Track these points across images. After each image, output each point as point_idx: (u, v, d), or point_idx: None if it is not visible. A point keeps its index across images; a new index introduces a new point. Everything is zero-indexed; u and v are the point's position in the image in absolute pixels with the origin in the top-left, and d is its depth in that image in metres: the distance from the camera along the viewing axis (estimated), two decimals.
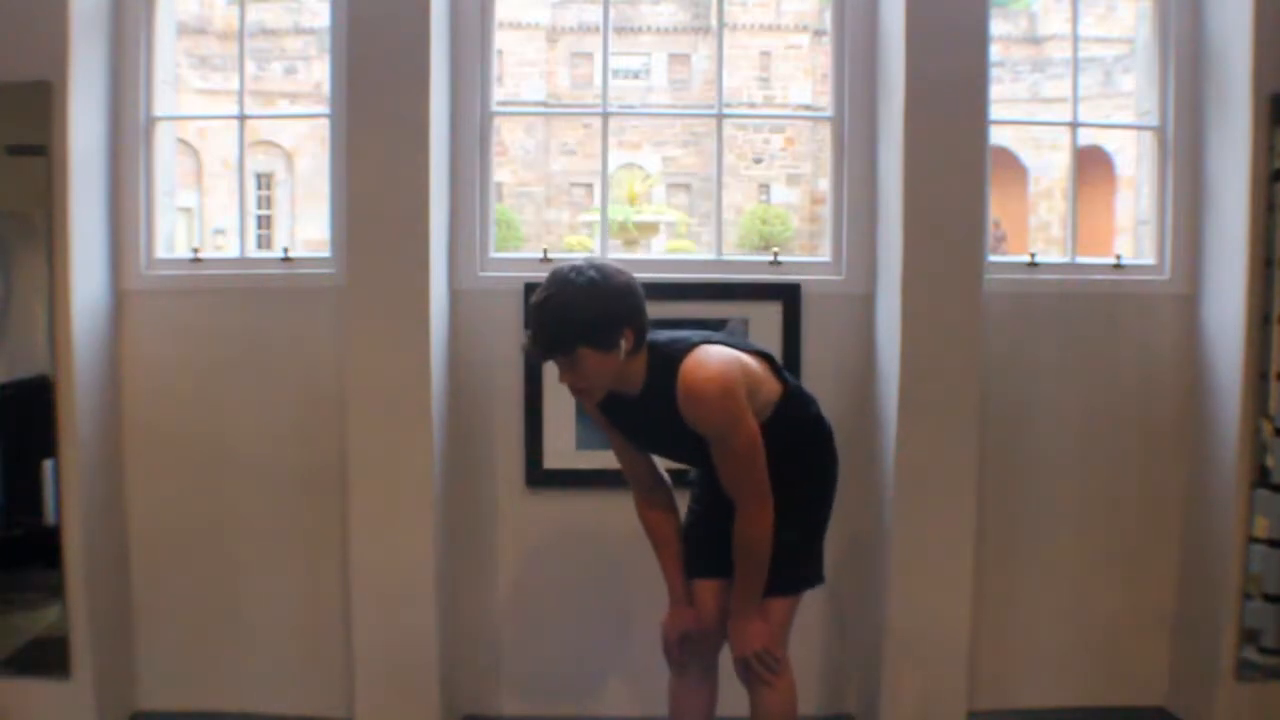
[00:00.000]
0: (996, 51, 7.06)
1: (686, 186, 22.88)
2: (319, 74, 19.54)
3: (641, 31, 23.59)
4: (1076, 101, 3.82)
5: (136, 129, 3.36)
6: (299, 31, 21.64)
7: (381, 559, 3.22)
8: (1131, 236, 4.13)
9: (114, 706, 3.31)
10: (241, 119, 3.55)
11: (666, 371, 2.46)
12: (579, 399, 2.60)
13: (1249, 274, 3.19)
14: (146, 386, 3.37)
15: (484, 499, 3.43)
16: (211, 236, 18.96)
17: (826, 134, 3.55)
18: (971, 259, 3.23)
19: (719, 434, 2.46)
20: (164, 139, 3.49)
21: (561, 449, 3.39)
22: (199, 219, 19.37)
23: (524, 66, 22.85)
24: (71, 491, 3.14)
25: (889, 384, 3.26)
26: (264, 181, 21.30)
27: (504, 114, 4.94)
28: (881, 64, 3.33)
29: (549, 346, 2.40)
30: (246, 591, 3.41)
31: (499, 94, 3.70)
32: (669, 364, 2.47)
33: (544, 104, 22.56)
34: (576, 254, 2.68)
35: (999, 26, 18.75)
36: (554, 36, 23.50)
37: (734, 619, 2.60)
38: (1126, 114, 11.79)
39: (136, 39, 3.34)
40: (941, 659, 3.27)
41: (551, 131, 22.92)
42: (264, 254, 4.48)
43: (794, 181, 23.13)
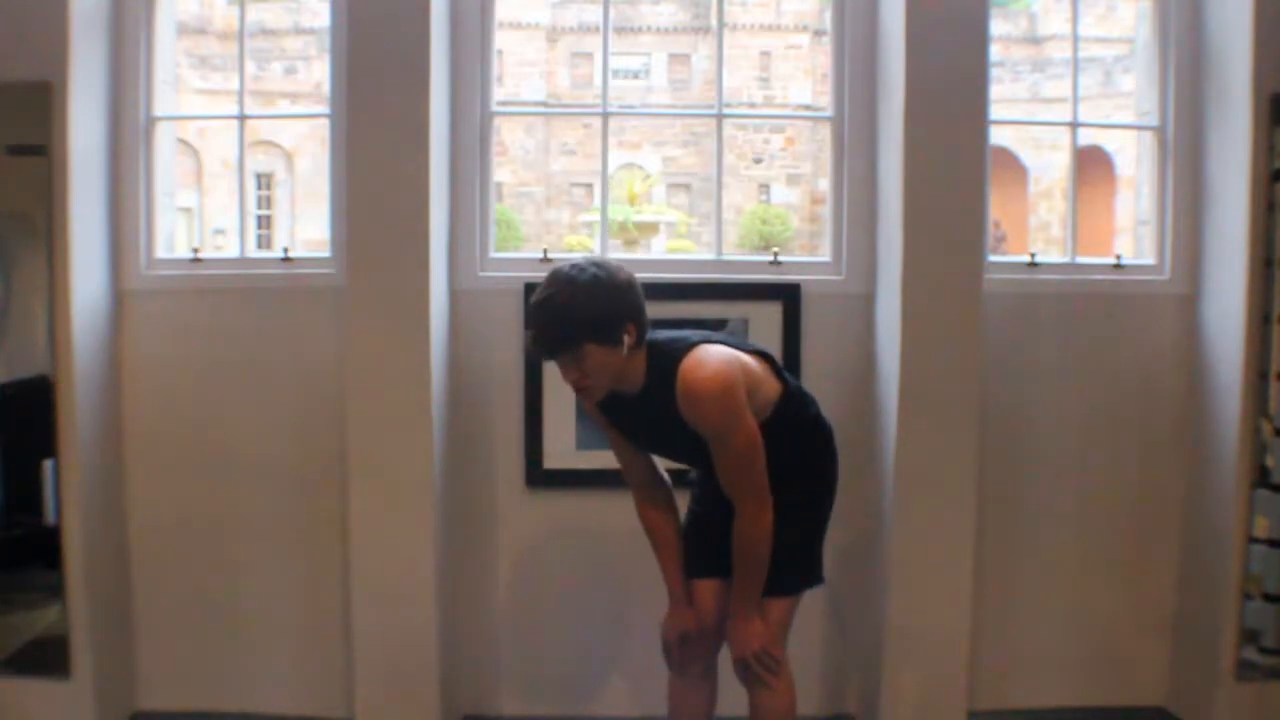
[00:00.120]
0: (996, 51, 7.06)
1: (686, 186, 22.89)
2: (319, 74, 19.54)
3: (641, 31, 23.59)
4: (1076, 101, 3.82)
5: (136, 129, 3.36)
6: (299, 31, 21.64)
7: (381, 559, 3.22)
8: (1131, 236, 4.14)
9: (114, 706, 3.31)
10: (241, 119, 3.55)
11: (666, 371, 2.46)
12: (581, 397, 2.60)
13: (1249, 274, 3.19)
14: (146, 386, 3.38)
15: (484, 499, 3.43)
16: (211, 236, 18.96)
17: (826, 134, 3.55)
18: (971, 259, 3.23)
19: (718, 433, 2.46)
20: (164, 139, 3.49)
21: (561, 449, 3.39)
22: (199, 219, 19.37)
23: (524, 66, 22.85)
24: (71, 491, 3.14)
25: (889, 384, 3.26)
26: (264, 181, 21.30)
27: (504, 114, 4.94)
28: (881, 64, 3.33)
29: (554, 344, 2.40)
30: (246, 591, 3.41)
31: (499, 94, 3.70)
32: (669, 363, 2.47)
33: (544, 104, 22.57)
34: (576, 254, 2.67)
35: (999, 26, 18.76)
36: (554, 36, 23.50)
37: (733, 619, 2.60)
38: (1126, 114, 11.79)
39: (136, 39, 3.34)
40: (941, 659, 3.27)
41: (551, 131, 22.92)
42: (264, 254, 4.47)
43: (794, 181, 23.13)
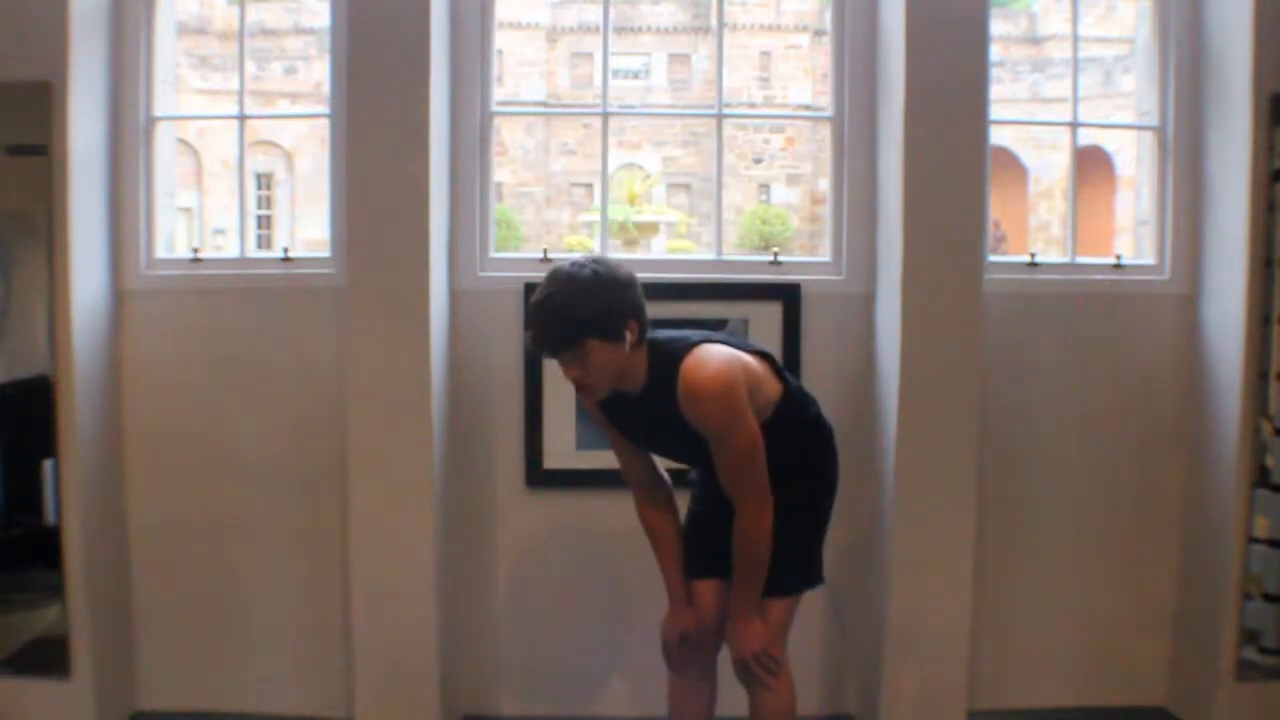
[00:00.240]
0: (996, 51, 7.06)
1: (686, 186, 22.89)
2: (319, 74, 19.54)
3: (641, 31, 23.59)
4: (1076, 101, 3.82)
5: (136, 129, 3.36)
6: (299, 31, 21.63)
7: (381, 559, 3.22)
8: (1131, 236, 4.14)
9: (114, 706, 3.31)
10: (241, 119, 3.55)
11: (667, 370, 2.46)
12: (582, 396, 2.60)
13: (1249, 274, 3.19)
14: (146, 386, 3.38)
15: (484, 499, 3.43)
16: (211, 236, 18.96)
17: (826, 134, 3.55)
18: (971, 259, 3.23)
19: (719, 433, 2.45)
20: (164, 139, 3.49)
21: (561, 449, 3.39)
22: (199, 219, 19.37)
23: (524, 66, 22.85)
24: (71, 491, 3.14)
25: (889, 384, 3.26)
26: (264, 181, 21.30)
27: (504, 114, 4.94)
28: (881, 64, 3.33)
29: (557, 341, 2.40)
30: (246, 591, 3.41)
31: (499, 94, 3.70)
32: (670, 362, 2.47)
33: (544, 104, 22.57)
34: (576, 253, 2.68)
35: (999, 26, 18.75)
36: (554, 36, 23.50)
37: (733, 620, 2.60)
38: (1126, 114, 11.79)
39: (136, 39, 3.34)
40: (941, 659, 3.27)
41: (551, 131, 22.92)
42: (264, 254, 4.48)
43: (794, 181, 23.13)
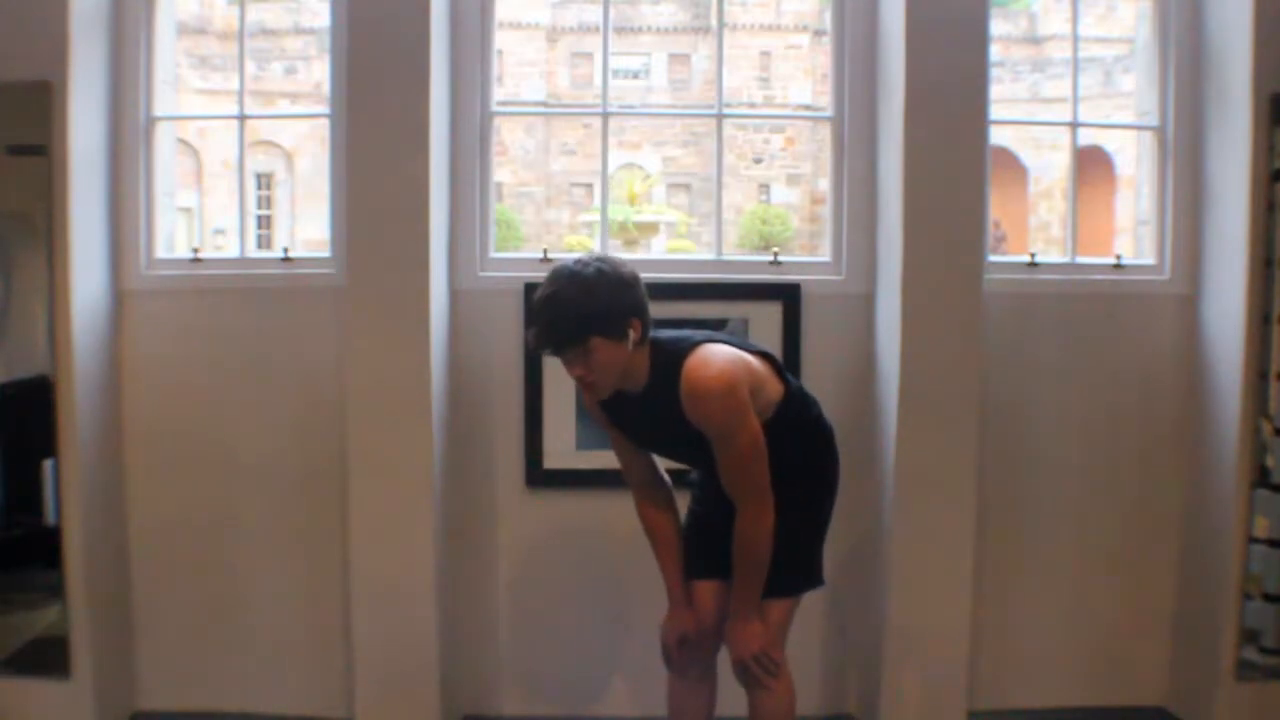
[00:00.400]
0: (996, 51, 7.06)
1: (686, 186, 22.88)
2: (319, 74, 19.54)
3: (641, 31, 23.59)
4: (1076, 101, 3.82)
5: (136, 129, 3.36)
6: (299, 31, 21.63)
7: (381, 559, 3.22)
8: (1131, 236, 4.14)
9: (114, 706, 3.31)
10: (241, 119, 3.55)
11: (670, 369, 2.46)
12: (585, 393, 2.59)
13: (1249, 274, 3.19)
14: (146, 386, 3.37)
15: (484, 499, 3.43)
16: (211, 236, 18.95)
17: (826, 134, 3.55)
18: (971, 259, 3.23)
19: (721, 433, 2.45)
20: (164, 139, 3.49)
21: (561, 449, 3.39)
22: (199, 219, 19.37)
23: (524, 66, 22.84)
24: (71, 491, 3.14)
25: (889, 384, 3.26)
26: (264, 181, 21.30)
27: (504, 114, 4.94)
28: (881, 64, 3.33)
29: (560, 338, 2.40)
30: (246, 591, 3.41)
31: (499, 94, 3.70)
32: (673, 362, 2.47)
33: (544, 104, 22.56)
34: (579, 252, 2.68)
35: (999, 26, 18.75)
36: (554, 36, 23.49)
37: (733, 620, 2.60)
38: (1126, 114, 11.78)
39: (136, 39, 3.34)
40: (941, 659, 3.27)
41: (551, 131, 22.92)
42: (264, 254, 4.48)
43: (794, 181, 23.13)
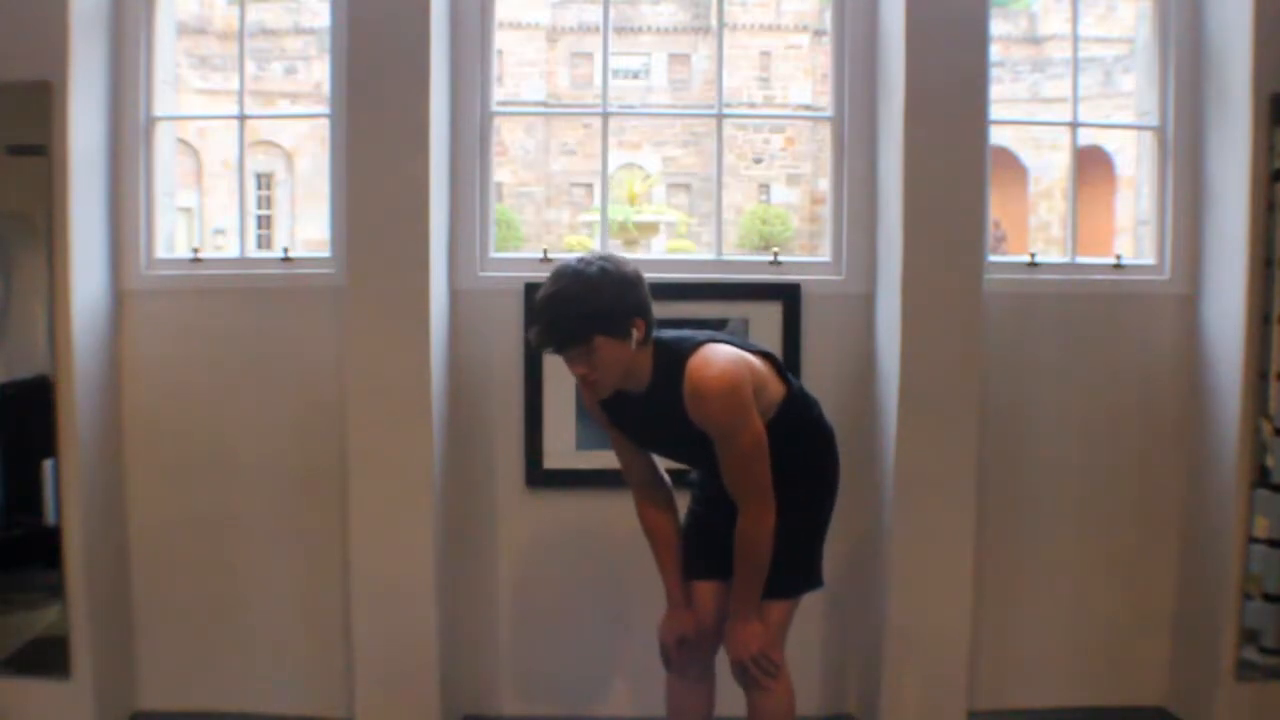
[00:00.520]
0: (996, 51, 7.06)
1: (686, 186, 22.88)
2: (319, 74, 19.54)
3: (641, 31, 23.58)
4: (1076, 101, 3.82)
5: (136, 129, 3.36)
6: (299, 31, 21.63)
7: (381, 559, 3.22)
8: (1131, 236, 4.14)
9: (114, 706, 3.31)
10: (241, 119, 3.55)
11: (673, 369, 2.46)
12: (586, 392, 2.60)
13: (1249, 274, 3.19)
14: (146, 386, 3.37)
15: (484, 499, 3.43)
16: (211, 236, 18.95)
17: (826, 134, 3.55)
18: (971, 259, 3.23)
19: (724, 432, 2.45)
20: (164, 139, 3.49)
21: (561, 449, 3.39)
22: (199, 219, 19.36)
23: (524, 66, 22.84)
24: (71, 491, 3.14)
25: (889, 384, 3.26)
26: (264, 181, 21.30)
27: (504, 114, 4.94)
28: (881, 64, 3.33)
29: (564, 336, 2.39)
30: (246, 591, 3.41)
31: (499, 94, 3.70)
32: (675, 361, 2.46)
33: (544, 104, 22.56)
34: (583, 251, 2.68)
35: (999, 26, 18.74)
36: (554, 36, 23.49)
37: (732, 621, 2.60)
38: (1126, 114, 11.78)
39: (136, 39, 3.34)
40: (941, 659, 3.27)
41: (551, 131, 22.91)
42: (264, 254, 4.47)
43: (794, 181, 23.12)
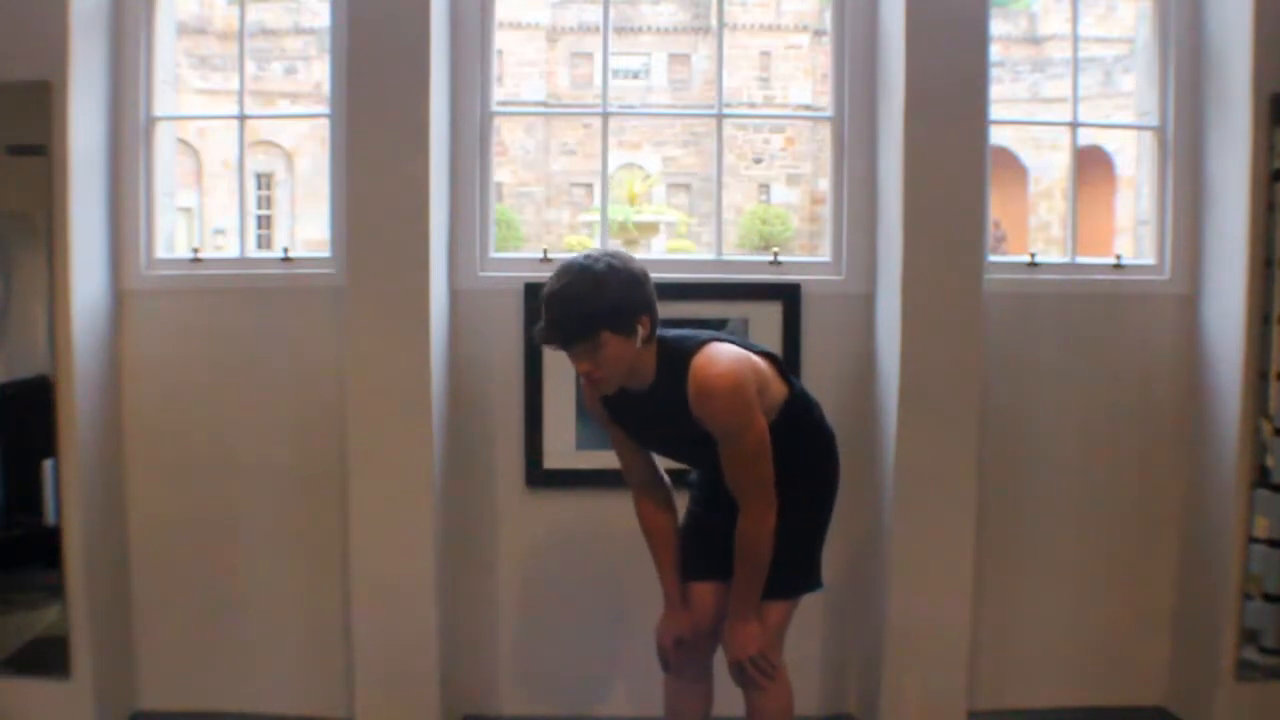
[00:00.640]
0: (996, 51, 7.06)
1: (686, 186, 22.88)
2: (319, 74, 19.54)
3: (641, 31, 23.59)
4: (1076, 101, 3.82)
5: (136, 129, 3.36)
6: (299, 31, 21.63)
7: (381, 559, 3.22)
8: (1131, 236, 4.14)
9: (114, 706, 3.31)
10: (241, 119, 3.55)
11: (677, 367, 2.46)
12: (586, 391, 2.60)
13: (1249, 274, 3.19)
14: (146, 386, 3.37)
15: (484, 499, 3.43)
16: (211, 236, 18.96)
17: (826, 134, 3.55)
18: (971, 259, 3.23)
19: (728, 431, 2.45)
20: (164, 139, 3.49)
21: (561, 449, 3.39)
22: (199, 219, 19.37)
23: (524, 66, 22.84)
24: (71, 491, 3.14)
25: (889, 384, 3.26)
26: (264, 181, 21.30)
27: (504, 114, 4.94)
28: (881, 64, 3.33)
29: (570, 332, 2.39)
30: (246, 591, 3.41)
31: (499, 94, 3.70)
32: (680, 359, 2.46)
33: (544, 104, 22.57)
34: (589, 248, 2.68)
35: (999, 26, 18.74)
36: (554, 36, 23.50)
37: (731, 621, 2.60)
38: (1126, 114, 11.79)
39: (136, 39, 3.34)
40: (941, 659, 3.27)
41: (551, 131, 22.92)
42: (264, 254, 4.48)
43: (794, 181, 23.13)
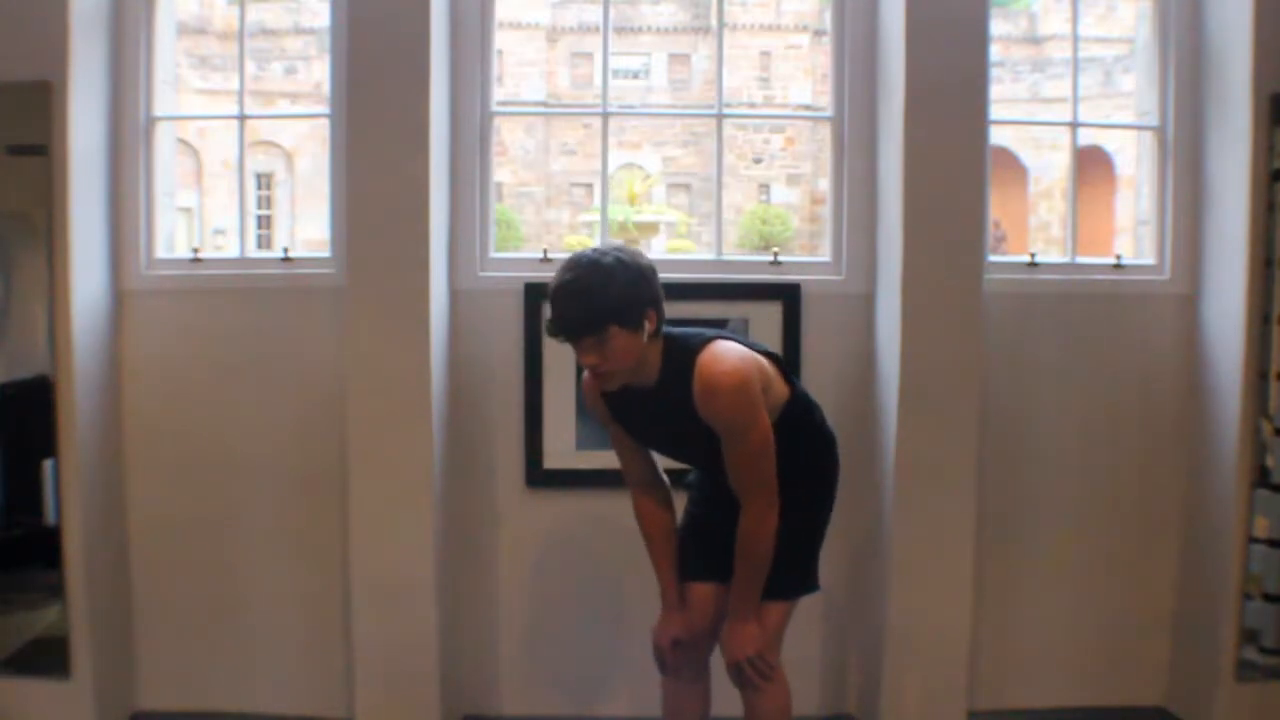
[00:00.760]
0: (996, 51, 7.06)
1: (686, 186, 22.88)
2: (319, 74, 19.54)
3: (641, 31, 23.59)
4: (1076, 101, 3.82)
5: (136, 129, 3.36)
6: (299, 31, 21.63)
7: (381, 559, 3.22)
8: (1131, 236, 4.14)
9: (114, 706, 3.31)
10: (241, 119, 3.55)
11: (683, 363, 2.46)
12: (589, 388, 2.60)
13: (1249, 274, 3.19)
14: (146, 386, 3.37)
15: (484, 499, 3.43)
16: (211, 236, 18.96)
17: (826, 134, 3.55)
18: (971, 259, 3.23)
19: (733, 429, 2.45)
20: (164, 139, 3.49)
21: (561, 449, 3.39)
22: (199, 219, 19.37)
23: (524, 66, 22.84)
24: (71, 491, 3.14)
25: (889, 384, 3.26)
26: (264, 181, 21.30)
27: (504, 114, 4.94)
28: (881, 64, 3.33)
29: (578, 324, 2.38)
30: (246, 591, 3.41)
31: (499, 94, 3.70)
32: (686, 356, 2.46)
33: (544, 104, 22.56)
34: (598, 244, 2.68)
35: (999, 26, 18.74)
36: (554, 36, 23.50)
37: (730, 621, 2.60)
38: (1126, 114, 11.79)
39: (136, 39, 3.34)
40: (941, 659, 3.27)
41: (551, 131, 22.92)
42: (264, 254, 4.48)
43: (794, 181, 23.13)
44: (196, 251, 3.45)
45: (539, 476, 3.41)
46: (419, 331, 3.17)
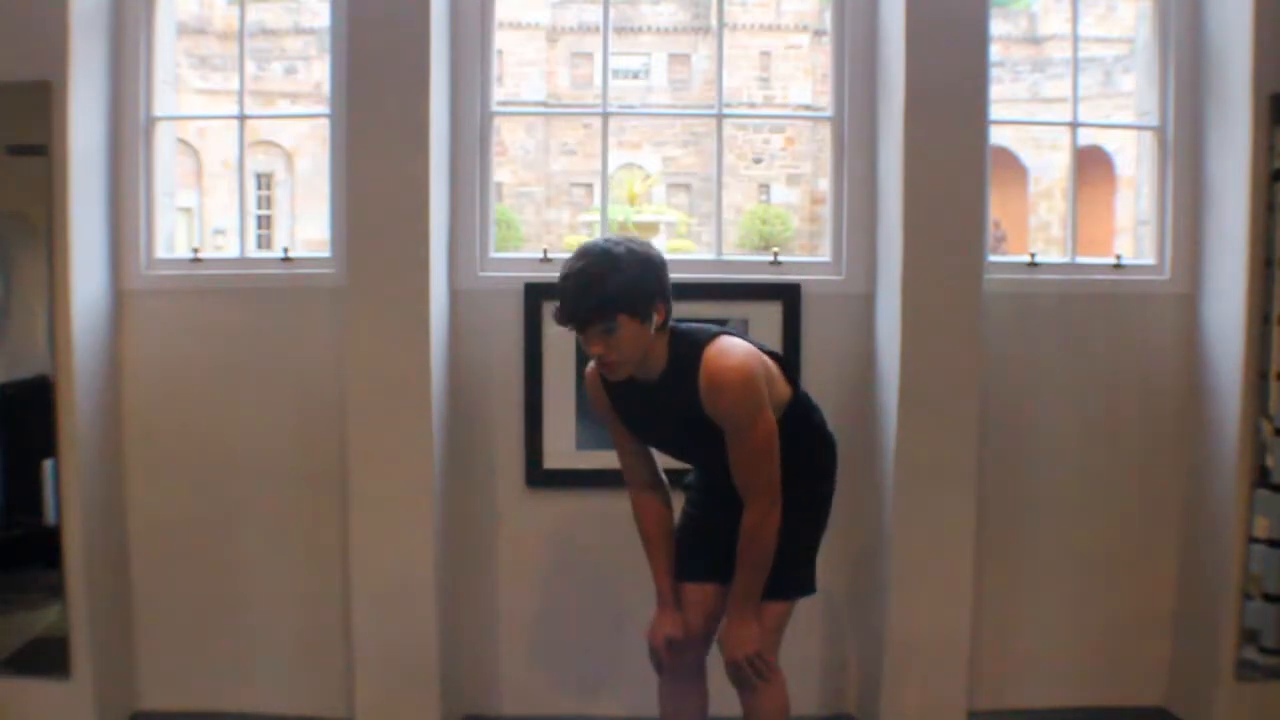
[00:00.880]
0: (996, 51, 7.06)
1: (686, 186, 22.90)
2: (319, 74, 19.55)
3: (641, 31, 23.60)
4: (1076, 101, 3.82)
5: (136, 129, 3.36)
6: (299, 31, 21.64)
7: (381, 559, 3.22)
8: (1131, 236, 4.14)
9: (114, 706, 3.31)
10: (241, 119, 3.55)
11: (689, 358, 2.45)
12: (592, 384, 2.60)
13: (1249, 274, 3.19)
14: (146, 386, 3.37)
15: (484, 499, 3.43)
16: (211, 236, 18.96)
17: (826, 134, 3.55)
18: (971, 259, 3.23)
19: (737, 425, 2.44)
20: (164, 139, 3.49)
21: (561, 449, 3.39)
22: (199, 219, 19.38)
23: (524, 66, 22.86)
24: (71, 491, 3.14)
25: (889, 384, 3.26)
26: (264, 181, 21.31)
27: (504, 114, 4.94)
28: (881, 64, 3.33)
29: (588, 313, 2.37)
30: (246, 591, 3.41)
31: (499, 94, 3.70)
32: (692, 350, 2.46)
33: (544, 104, 22.58)
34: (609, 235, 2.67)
35: (999, 26, 18.77)
36: (554, 36, 23.51)
37: (730, 620, 2.60)
38: (1126, 114, 11.79)
39: (136, 39, 3.34)
40: (942, 659, 3.27)
41: (551, 131, 22.93)
42: (264, 254, 4.48)
43: (794, 181, 23.14)
44: (196, 251, 3.45)
45: (539, 476, 3.41)
46: (419, 331, 3.17)
